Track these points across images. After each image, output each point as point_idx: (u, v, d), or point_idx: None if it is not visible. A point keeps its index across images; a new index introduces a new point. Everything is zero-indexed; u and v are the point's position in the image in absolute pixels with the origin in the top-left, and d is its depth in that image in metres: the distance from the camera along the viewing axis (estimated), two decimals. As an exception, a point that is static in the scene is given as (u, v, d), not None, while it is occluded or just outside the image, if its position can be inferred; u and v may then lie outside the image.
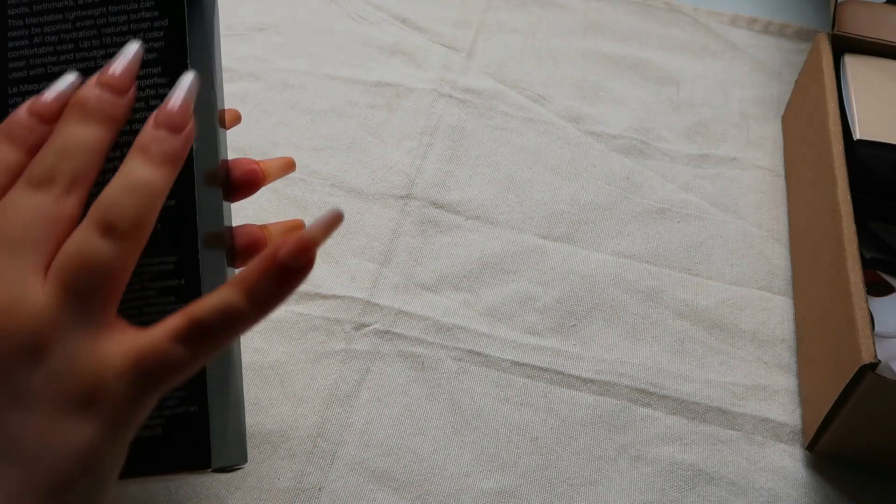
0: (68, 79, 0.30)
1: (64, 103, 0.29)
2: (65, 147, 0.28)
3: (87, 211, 0.28)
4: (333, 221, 0.28)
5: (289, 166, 0.37)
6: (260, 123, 0.53)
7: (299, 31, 0.58)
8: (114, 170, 0.29)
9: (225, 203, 0.34)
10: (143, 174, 0.28)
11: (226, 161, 0.34)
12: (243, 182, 0.34)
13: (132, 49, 0.30)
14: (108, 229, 0.27)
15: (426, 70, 0.57)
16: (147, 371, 0.27)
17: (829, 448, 0.41)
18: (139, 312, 0.31)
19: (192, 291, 0.32)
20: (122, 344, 0.27)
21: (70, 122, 0.29)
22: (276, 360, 0.43)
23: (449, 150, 0.52)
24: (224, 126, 0.33)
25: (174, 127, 0.29)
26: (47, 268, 0.27)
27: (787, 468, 0.41)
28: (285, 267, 0.28)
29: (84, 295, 0.27)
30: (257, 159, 0.36)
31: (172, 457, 0.32)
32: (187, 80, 0.30)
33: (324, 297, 0.45)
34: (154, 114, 0.29)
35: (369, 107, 0.54)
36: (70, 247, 0.27)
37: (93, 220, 0.28)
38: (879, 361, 0.36)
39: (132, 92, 0.30)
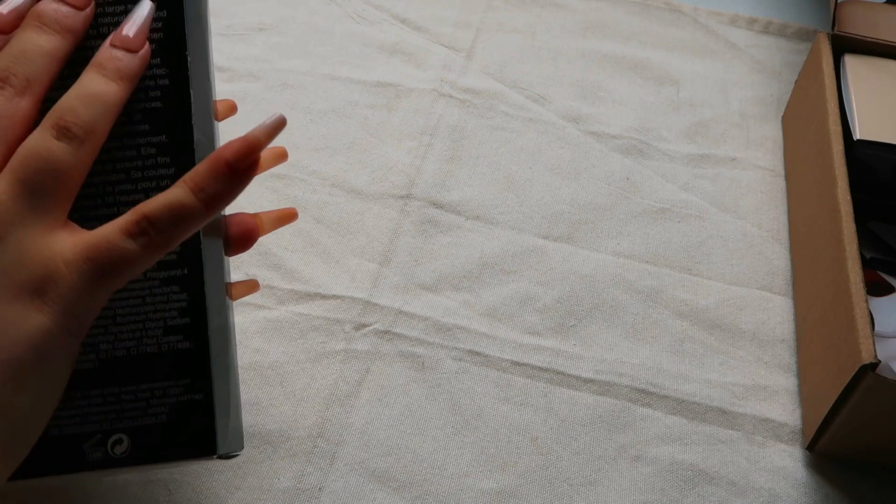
0: None
1: (19, 16, 0.30)
2: (20, 51, 0.29)
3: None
4: (277, 125, 0.30)
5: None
6: (260, 123, 0.53)
7: (299, 31, 0.58)
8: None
9: None
10: (98, 86, 0.29)
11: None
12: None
13: None
14: (63, 132, 0.28)
15: (426, 70, 0.57)
16: (97, 262, 0.28)
17: (829, 448, 0.41)
18: (142, 302, 0.32)
19: (196, 280, 0.32)
20: (74, 238, 0.28)
21: (27, 30, 0.30)
22: (276, 360, 0.43)
23: (449, 150, 0.52)
24: (217, 117, 0.33)
25: (130, 49, 0.30)
26: (0, 163, 0.28)
27: (787, 468, 0.41)
28: (232, 167, 0.29)
29: (38, 192, 0.28)
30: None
31: (178, 444, 0.32)
32: (144, 6, 0.31)
33: (324, 297, 0.45)
34: (110, 37, 0.31)
35: (369, 107, 0.54)
36: (25, 146, 0.28)
37: (48, 123, 0.29)
38: (879, 361, 0.36)
39: (90, 9, 0.31)
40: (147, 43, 0.31)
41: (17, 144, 0.29)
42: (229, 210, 0.35)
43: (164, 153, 0.31)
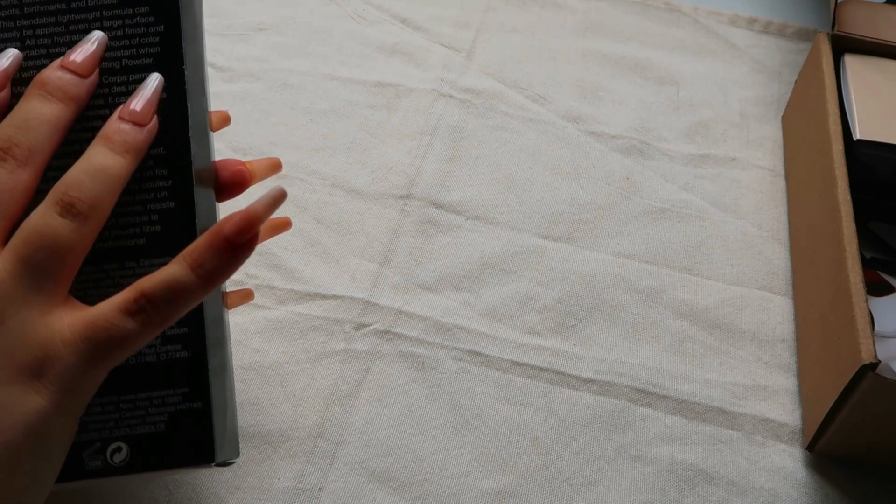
0: (8, 53, 0.31)
1: (5, 76, 0.30)
2: (23, 121, 0.29)
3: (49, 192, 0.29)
4: (277, 199, 0.30)
5: (275, 167, 0.37)
6: (260, 123, 0.53)
7: (299, 31, 0.58)
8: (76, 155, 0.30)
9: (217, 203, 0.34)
10: (104, 160, 0.29)
11: (214, 162, 0.34)
12: (231, 183, 0.34)
13: (95, 36, 0.31)
14: (67, 208, 0.28)
15: (426, 70, 0.57)
16: (96, 342, 0.28)
17: (829, 448, 0.41)
18: None
19: None
20: (73, 317, 0.28)
21: (31, 99, 0.30)
22: (276, 360, 0.43)
23: (449, 150, 0.52)
24: (212, 129, 0.33)
25: (138, 122, 0.30)
26: (1, 237, 0.28)
27: (787, 468, 0.41)
28: (231, 242, 0.29)
29: (39, 270, 0.28)
30: (252, 159, 0.36)
31: (177, 452, 0.32)
32: (153, 80, 0.31)
33: (324, 297, 0.45)
34: (119, 109, 0.30)
35: (369, 107, 0.54)
36: (29, 223, 0.28)
37: (53, 199, 0.28)
38: (879, 361, 0.36)
39: (94, 76, 0.31)
40: (156, 117, 0.31)
41: (18, 217, 0.29)
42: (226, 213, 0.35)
43: (161, 165, 0.31)
